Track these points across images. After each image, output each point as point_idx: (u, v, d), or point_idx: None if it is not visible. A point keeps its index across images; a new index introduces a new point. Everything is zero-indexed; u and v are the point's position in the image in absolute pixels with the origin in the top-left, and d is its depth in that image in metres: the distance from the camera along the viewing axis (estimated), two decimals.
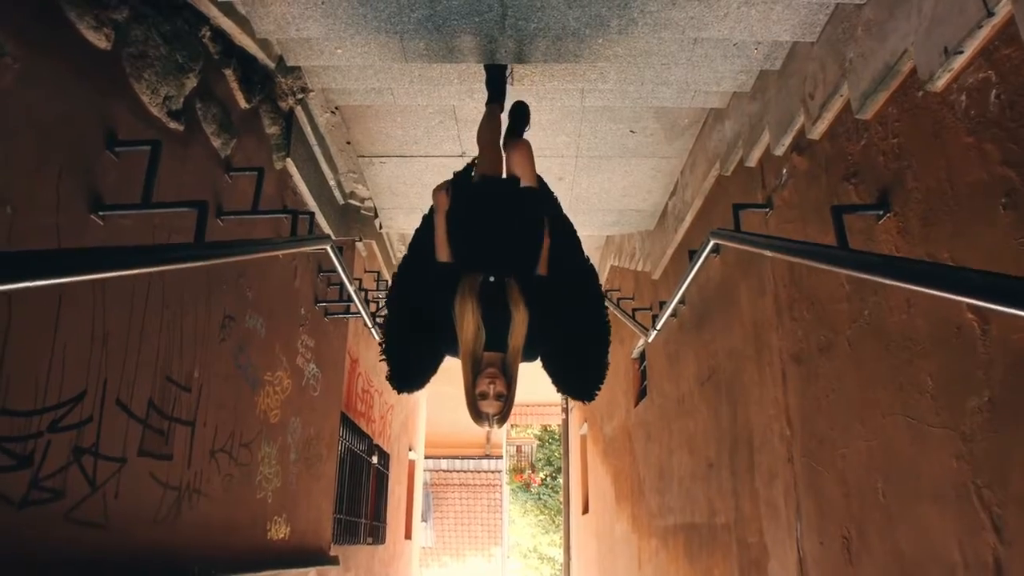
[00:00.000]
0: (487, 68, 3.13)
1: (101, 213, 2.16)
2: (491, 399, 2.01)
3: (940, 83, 1.90)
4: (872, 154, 2.27)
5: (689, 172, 4.35)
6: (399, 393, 2.31)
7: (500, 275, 2.11)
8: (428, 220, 2.45)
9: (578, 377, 2.31)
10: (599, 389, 2.28)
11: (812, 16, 2.48)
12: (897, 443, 2.09)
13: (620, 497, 6.80)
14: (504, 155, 2.69)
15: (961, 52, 1.79)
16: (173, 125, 2.62)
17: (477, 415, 2.05)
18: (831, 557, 2.49)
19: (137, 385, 2.41)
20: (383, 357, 2.28)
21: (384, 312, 3.51)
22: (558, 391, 2.38)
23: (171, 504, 2.66)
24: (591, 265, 2.51)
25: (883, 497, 2.16)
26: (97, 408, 2.19)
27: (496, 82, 3.09)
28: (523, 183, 2.47)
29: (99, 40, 2.17)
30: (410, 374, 2.30)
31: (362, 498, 6.69)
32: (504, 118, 3.06)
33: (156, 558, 2.54)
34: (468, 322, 2.02)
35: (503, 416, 2.07)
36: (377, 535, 7.44)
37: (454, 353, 2.14)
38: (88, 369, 2.14)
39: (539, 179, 2.55)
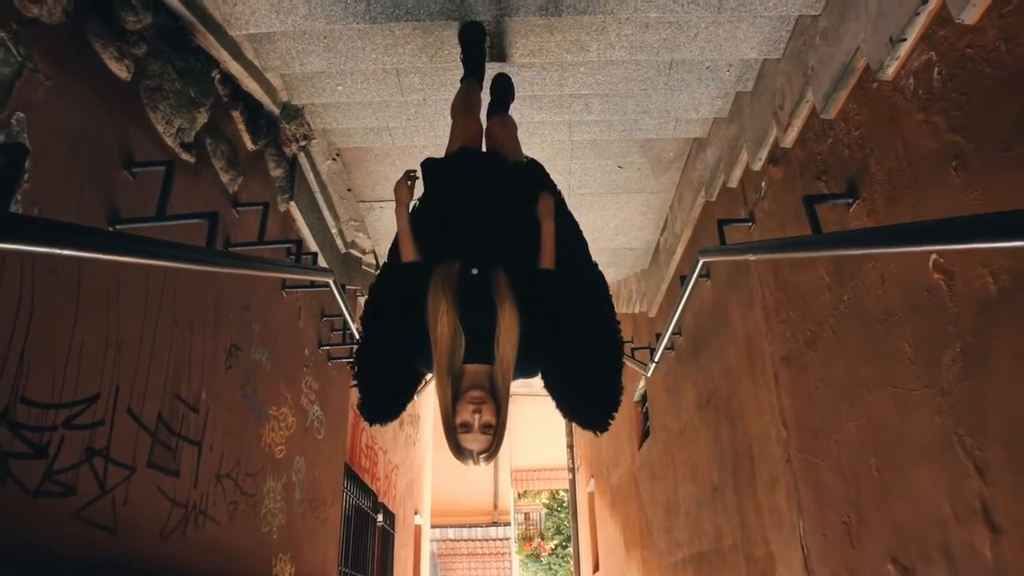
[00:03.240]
0: (463, 32, 2.71)
1: (118, 226, 2.30)
2: (475, 432, 1.61)
3: (890, 71, 2.08)
4: (839, 149, 2.43)
5: (677, 205, 4.52)
6: (371, 425, 1.96)
7: (485, 266, 1.74)
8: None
9: (590, 400, 1.90)
10: (613, 417, 1.87)
11: (775, 32, 2.69)
12: (884, 415, 2.16)
13: (630, 545, 6.67)
14: (484, 128, 2.40)
15: (904, 39, 1.98)
16: (185, 156, 2.80)
17: (458, 451, 1.66)
18: (834, 546, 2.50)
19: (148, 397, 2.49)
20: (355, 383, 1.95)
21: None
22: (565, 416, 2.00)
23: (178, 521, 2.68)
24: (599, 272, 2.15)
25: (876, 472, 2.21)
26: (109, 412, 2.27)
27: (474, 51, 2.70)
28: (510, 159, 2.18)
29: (120, 71, 2.37)
30: (386, 402, 1.95)
31: (368, 556, 6.56)
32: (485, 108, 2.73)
33: (162, 574, 2.55)
34: (442, 325, 1.63)
35: (491, 453, 1.66)
36: None
37: (429, 367, 1.73)
38: (102, 373, 2.23)
39: (531, 160, 2.26)
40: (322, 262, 4.49)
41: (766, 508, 3.19)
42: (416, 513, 9.79)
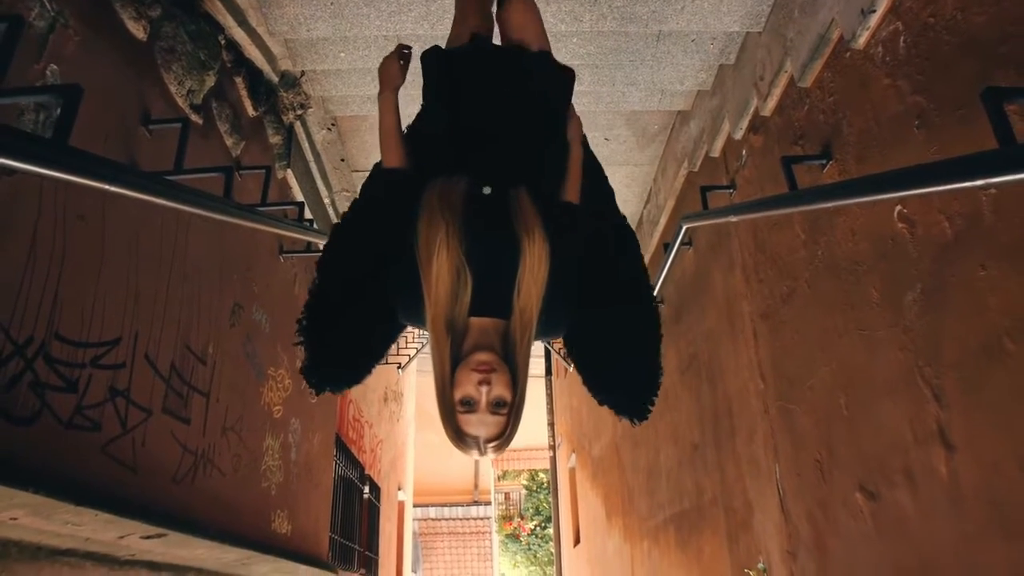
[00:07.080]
0: None
1: None
2: (481, 410, 1.19)
3: (861, 40, 2.26)
4: (814, 115, 2.62)
5: (661, 177, 4.71)
6: (318, 393, 1.45)
7: (501, 184, 1.31)
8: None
9: (625, 382, 1.46)
10: (654, 403, 1.45)
11: (757, 6, 2.87)
12: (853, 357, 2.36)
13: (611, 513, 6.90)
14: (496, 16, 1.84)
15: (875, 11, 2.16)
16: (194, 117, 2.91)
17: (457, 438, 1.22)
18: (807, 484, 2.71)
19: (162, 345, 2.62)
20: (300, 338, 1.42)
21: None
22: (595, 396, 1.46)
23: (188, 468, 2.82)
24: (631, 228, 1.70)
25: (846, 410, 2.41)
26: (129, 356, 2.39)
27: None
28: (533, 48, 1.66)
29: (137, 31, 2.48)
30: (339, 363, 1.45)
31: (355, 525, 6.72)
32: None
33: (174, 515, 2.69)
34: (440, 261, 1.19)
35: (503, 441, 1.22)
36: (370, 568, 7.41)
37: (417, 320, 1.29)
38: (123, 318, 2.35)
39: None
40: None
41: (744, 459, 3.40)
42: (400, 489, 9.95)
